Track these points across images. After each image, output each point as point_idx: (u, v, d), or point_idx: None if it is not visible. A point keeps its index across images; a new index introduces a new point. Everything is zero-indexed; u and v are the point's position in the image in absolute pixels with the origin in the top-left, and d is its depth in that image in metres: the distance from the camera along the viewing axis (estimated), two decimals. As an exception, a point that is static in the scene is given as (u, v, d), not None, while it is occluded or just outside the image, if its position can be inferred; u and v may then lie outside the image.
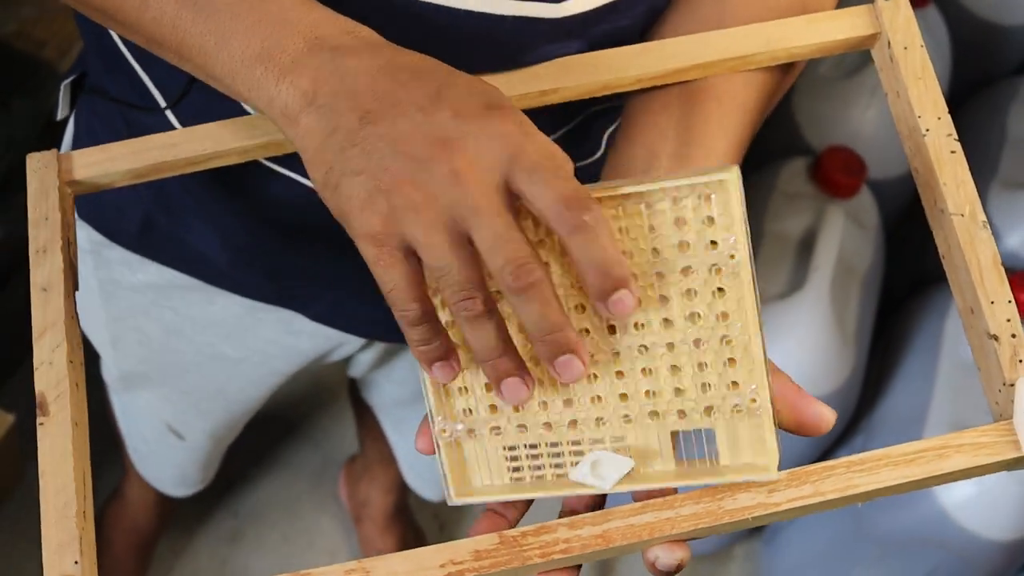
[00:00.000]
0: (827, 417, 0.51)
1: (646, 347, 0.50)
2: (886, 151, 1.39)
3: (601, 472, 0.51)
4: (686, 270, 0.49)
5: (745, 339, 0.49)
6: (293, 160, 0.51)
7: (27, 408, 1.43)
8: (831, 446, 1.40)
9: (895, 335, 1.39)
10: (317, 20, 0.50)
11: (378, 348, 0.98)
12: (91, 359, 1.01)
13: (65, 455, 0.51)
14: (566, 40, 0.61)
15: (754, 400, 0.49)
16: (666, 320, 0.49)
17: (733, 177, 0.47)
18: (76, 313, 0.55)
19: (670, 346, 0.49)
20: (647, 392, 0.50)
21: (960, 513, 1.18)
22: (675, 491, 0.52)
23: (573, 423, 0.51)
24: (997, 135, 1.46)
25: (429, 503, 1.56)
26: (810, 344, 1.24)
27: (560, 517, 0.52)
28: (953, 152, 0.56)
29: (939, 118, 0.57)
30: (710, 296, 0.49)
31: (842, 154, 1.32)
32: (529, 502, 0.54)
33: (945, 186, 0.55)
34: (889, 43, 0.59)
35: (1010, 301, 0.53)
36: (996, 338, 0.53)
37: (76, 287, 0.56)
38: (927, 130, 0.57)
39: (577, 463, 0.52)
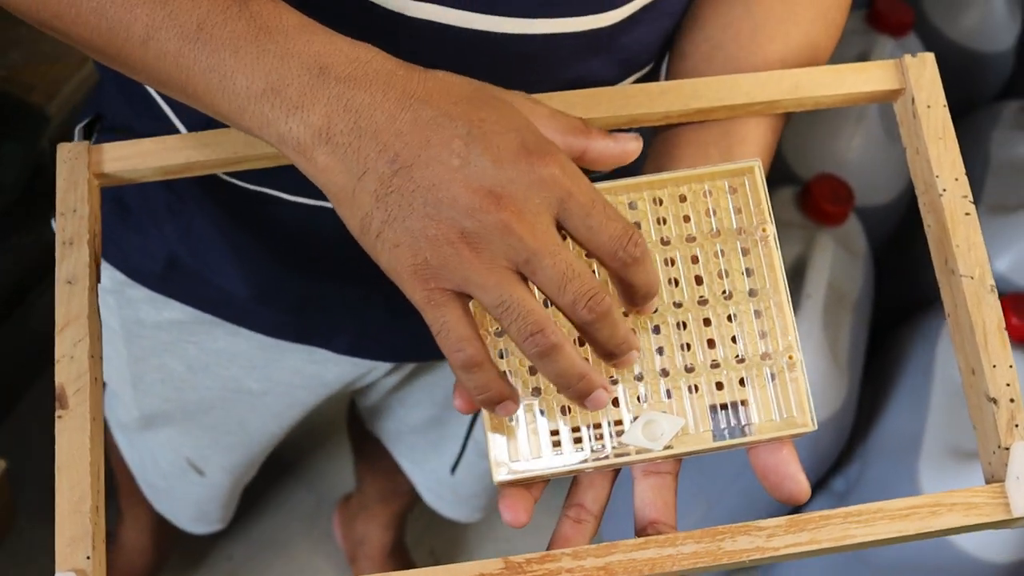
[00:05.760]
0: (803, 489, 0.54)
1: (684, 324, 0.55)
2: (873, 178, 1.39)
3: (653, 432, 0.54)
4: (715, 234, 0.55)
5: (778, 300, 0.55)
6: (314, 187, 0.51)
7: (18, 455, 1.41)
8: (826, 474, 1.40)
9: (887, 360, 1.40)
10: (320, 51, 0.49)
11: (402, 371, 0.98)
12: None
13: (82, 449, 0.51)
14: (594, 55, 0.63)
15: (791, 357, 0.54)
16: (701, 299, 0.55)
17: (757, 165, 0.56)
18: (99, 308, 0.55)
19: (706, 321, 0.55)
20: (687, 367, 0.54)
21: (959, 535, 1.17)
22: (675, 530, 0.53)
23: (615, 401, 0.54)
24: (981, 160, 1.47)
25: (424, 540, 1.55)
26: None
27: (551, 548, 0.53)
28: (967, 214, 0.57)
29: (956, 179, 0.58)
30: (740, 263, 0.55)
31: (830, 182, 1.33)
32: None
33: (958, 247, 0.56)
34: (913, 100, 0.59)
35: (1011, 366, 0.54)
36: (995, 401, 0.54)
37: (99, 280, 0.56)
38: (944, 190, 0.57)
39: (622, 433, 0.54)
